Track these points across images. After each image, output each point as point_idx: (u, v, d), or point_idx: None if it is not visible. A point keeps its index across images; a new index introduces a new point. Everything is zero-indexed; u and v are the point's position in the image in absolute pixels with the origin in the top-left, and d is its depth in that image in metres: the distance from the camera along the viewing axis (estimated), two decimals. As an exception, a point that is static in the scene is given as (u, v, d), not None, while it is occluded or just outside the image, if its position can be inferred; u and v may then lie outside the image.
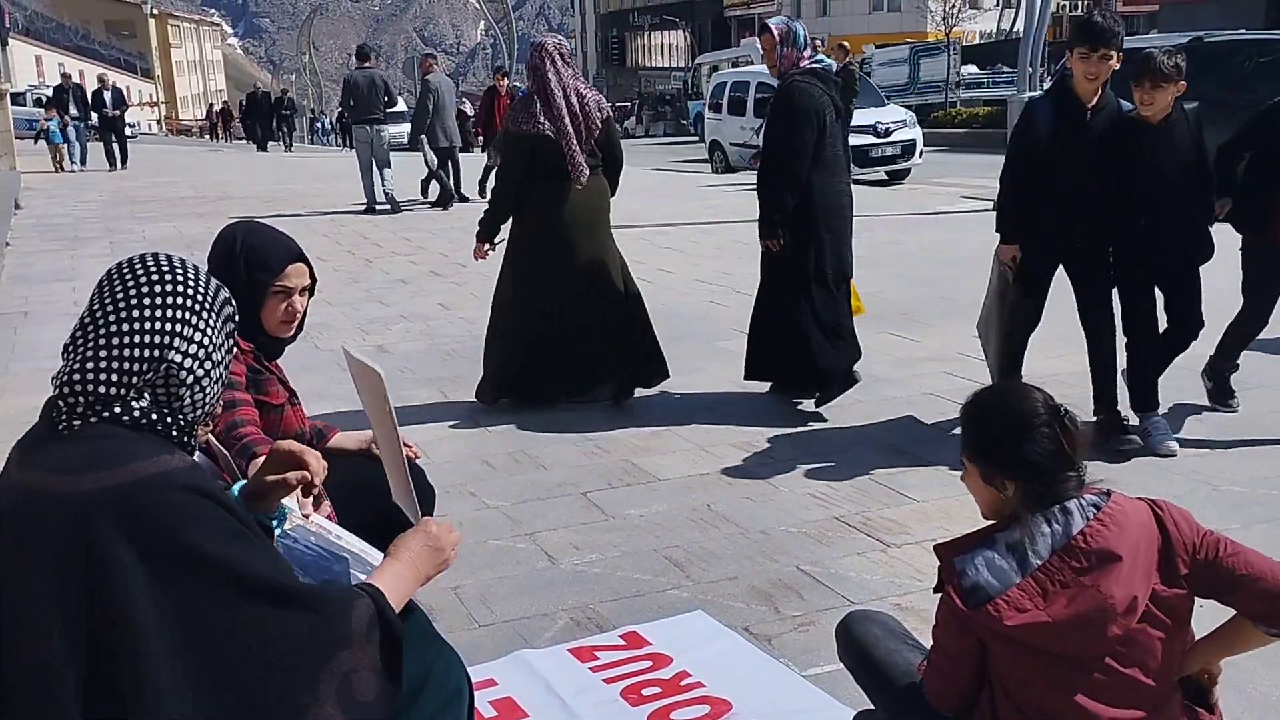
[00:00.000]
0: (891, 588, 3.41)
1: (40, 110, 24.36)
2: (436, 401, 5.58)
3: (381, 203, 13.66)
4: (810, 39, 5.31)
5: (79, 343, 1.61)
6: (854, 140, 15.63)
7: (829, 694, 2.80)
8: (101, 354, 1.58)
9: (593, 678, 2.94)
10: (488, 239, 5.35)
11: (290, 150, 30.60)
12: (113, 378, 1.58)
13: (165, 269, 1.66)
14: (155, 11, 71.79)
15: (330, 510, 2.55)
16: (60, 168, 21.12)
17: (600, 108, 5.17)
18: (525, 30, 55.94)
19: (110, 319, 1.60)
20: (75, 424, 1.57)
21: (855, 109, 15.28)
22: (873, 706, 2.24)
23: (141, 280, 1.63)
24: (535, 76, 5.14)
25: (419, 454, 3.01)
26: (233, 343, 1.74)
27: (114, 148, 21.55)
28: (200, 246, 5.01)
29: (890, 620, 2.34)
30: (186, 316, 1.63)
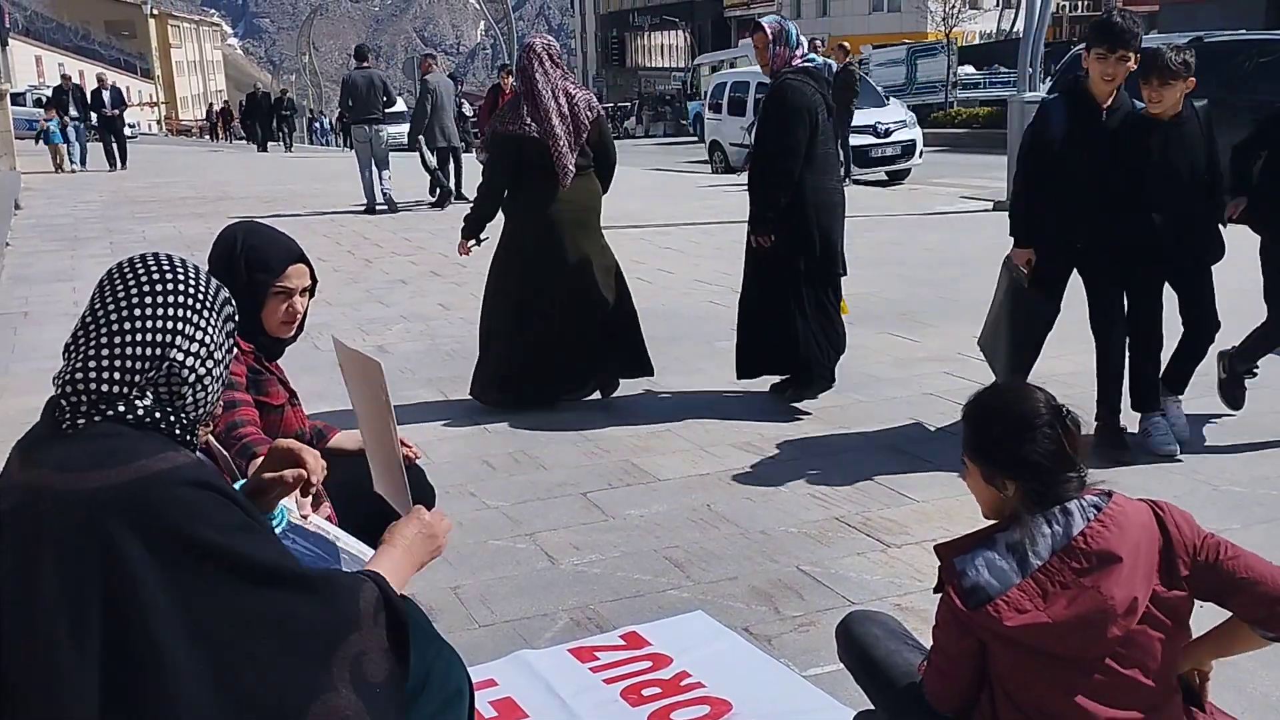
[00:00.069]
0: (891, 588, 3.41)
1: (40, 110, 24.38)
2: (436, 402, 5.58)
3: (381, 203, 13.68)
4: (810, 39, 5.32)
5: (81, 342, 1.61)
6: (854, 140, 15.67)
7: (829, 694, 2.80)
8: (104, 353, 1.58)
9: (593, 678, 2.94)
10: (472, 235, 5.44)
11: (290, 150, 30.59)
12: (115, 376, 1.58)
13: (166, 268, 1.66)
14: (155, 12, 71.79)
15: (330, 510, 2.55)
16: (60, 168, 21.13)
17: (590, 107, 5.18)
18: (525, 30, 55.96)
19: (112, 318, 1.60)
20: (79, 422, 1.57)
21: (856, 109, 15.32)
22: (873, 707, 2.24)
23: (143, 280, 1.64)
24: (524, 78, 5.17)
25: (419, 454, 3.01)
26: (233, 342, 1.75)
27: (113, 148, 21.55)
28: (200, 247, 5.01)
29: (890, 620, 2.34)
30: (188, 315, 1.64)
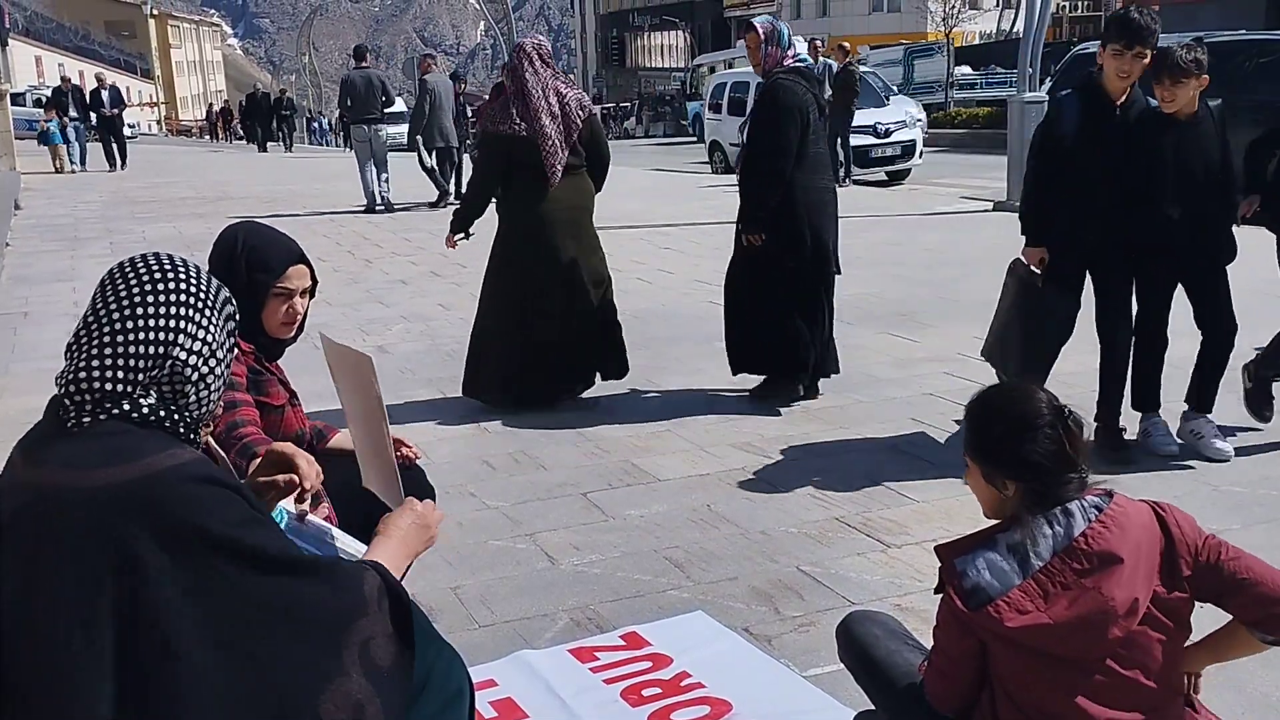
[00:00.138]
0: (892, 588, 3.41)
1: (40, 111, 24.40)
2: (436, 402, 5.57)
3: (379, 204, 13.69)
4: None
5: (83, 341, 1.61)
6: (854, 141, 15.66)
7: (829, 694, 2.79)
8: (107, 351, 1.59)
9: (593, 678, 2.94)
10: (459, 230, 5.49)
11: (290, 151, 30.60)
12: (119, 375, 1.58)
13: (168, 268, 1.67)
14: (155, 12, 71.81)
15: (329, 510, 2.55)
16: (60, 169, 21.13)
17: (582, 106, 5.18)
18: (525, 31, 56.24)
19: (114, 317, 1.61)
20: (84, 421, 1.57)
21: (856, 109, 15.31)
22: (873, 707, 2.24)
23: (145, 279, 1.64)
24: (514, 77, 5.18)
25: (419, 454, 3.00)
26: (234, 342, 1.75)
27: (113, 148, 21.54)
28: (200, 247, 5.01)
29: (890, 621, 2.34)
30: (190, 314, 1.64)
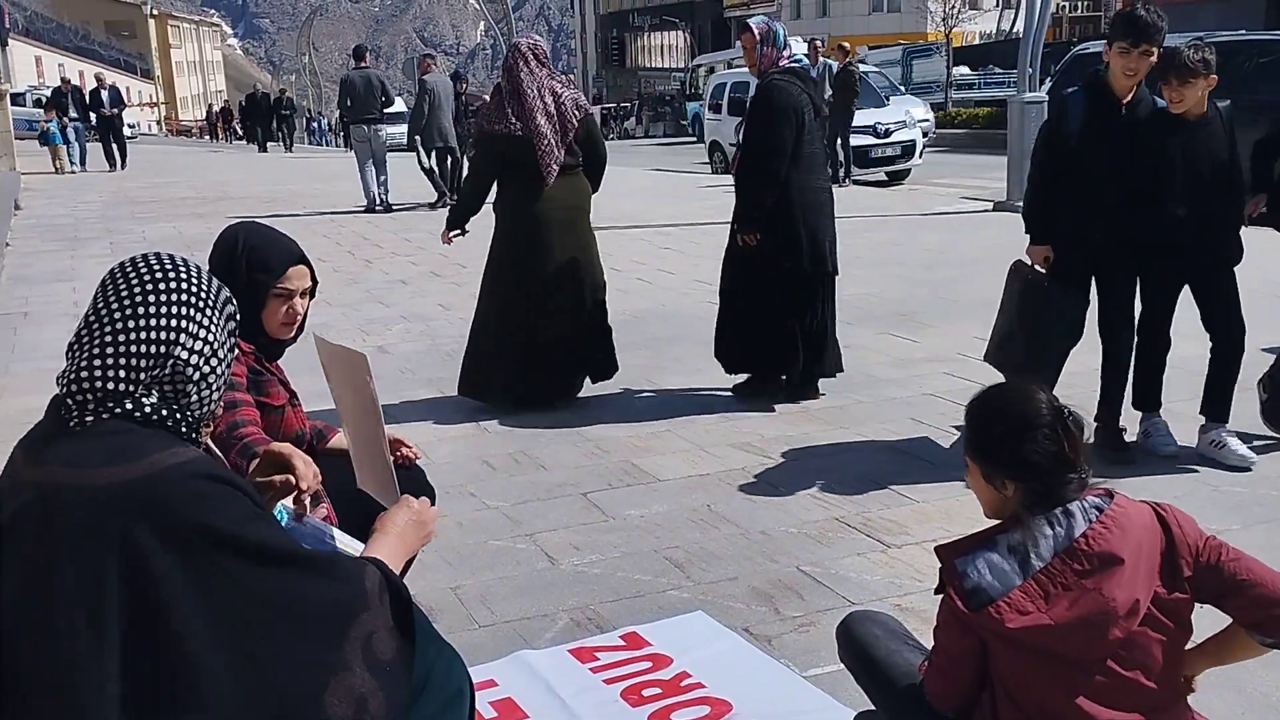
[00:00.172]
0: (892, 588, 3.41)
1: (40, 111, 24.40)
2: (436, 402, 5.57)
3: (378, 204, 13.69)
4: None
5: (85, 341, 1.61)
6: (854, 141, 15.66)
7: (829, 695, 2.79)
8: (109, 350, 1.59)
9: (593, 678, 2.94)
10: (456, 226, 5.54)
11: (290, 151, 30.60)
12: (121, 374, 1.59)
13: (169, 267, 1.67)
14: (155, 12, 71.81)
15: (329, 510, 2.55)
16: (60, 169, 21.13)
17: (578, 106, 5.19)
18: (525, 31, 56.28)
19: (116, 316, 1.61)
20: (87, 420, 1.58)
21: (856, 109, 15.31)
22: (873, 707, 2.24)
23: (146, 278, 1.65)
24: (509, 77, 5.19)
25: (419, 454, 3.00)
26: (235, 341, 1.75)
27: (112, 148, 21.54)
28: (200, 247, 5.01)
29: (891, 621, 2.34)
30: (191, 314, 1.65)
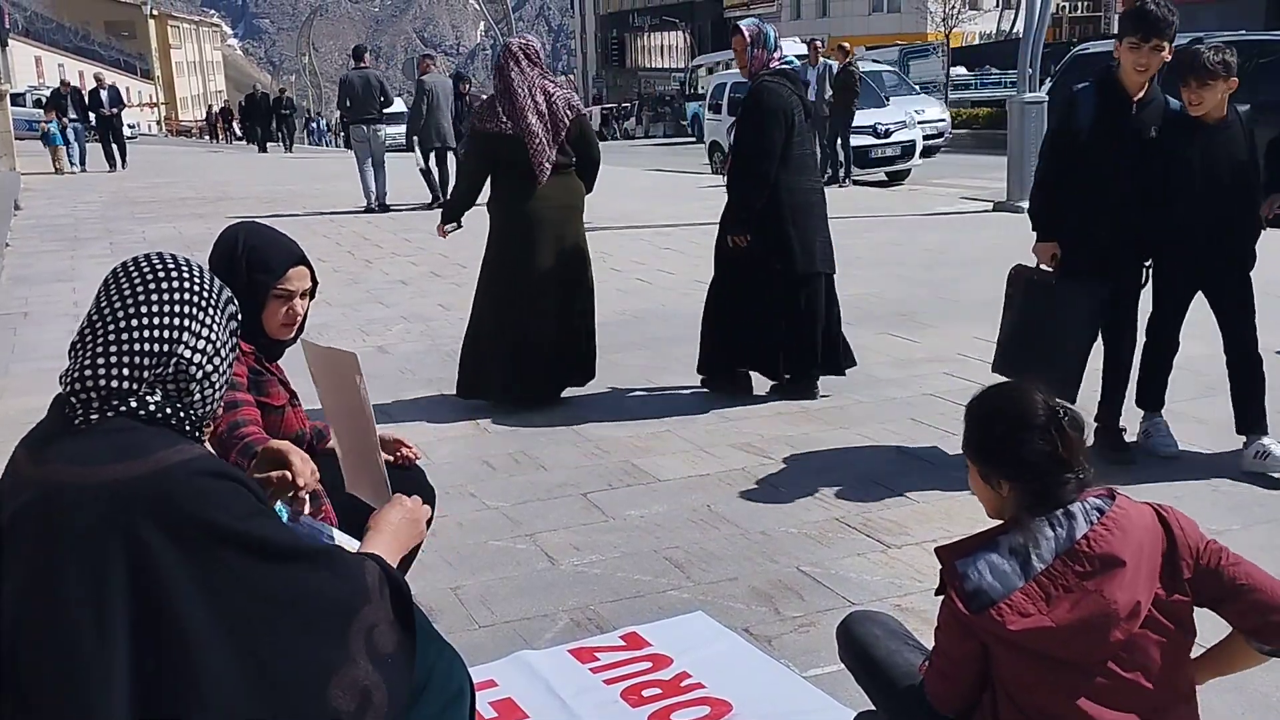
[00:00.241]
0: (892, 589, 3.41)
1: (40, 111, 24.41)
2: (436, 402, 5.57)
3: (376, 205, 13.72)
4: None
5: (88, 340, 1.61)
6: (854, 141, 15.66)
7: (829, 695, 2.79)
8: (112, 349, 1.59)
9: (593, 679, 2.94)
10: (450, 220, 5.60)
11: (290, 151, 30.60)
12: (124, 373, 1.59)
13: (171, 266, 1.68)
14: (155, 12, 71.82)
15: (329, 509, 2.55)
16: (59, 170, 21.13)
17: (570, 105, 5.17)
18: (525, 31, 56.29)
19: (119, 315, 1.61)
20: (92, 418, 1.58)
21: (856, 110, 15.31)
22: (873, 707, 2.24)
23: (148, 277, 1.65)
24: (500, 76, 5.20)
25: (419, 454, 3.00)
26: (236, 341, 1.76)
27: (112, 148, 21.53)
28: (200, 247, 5.01)
29: (891, 621, 2.34)
30: (193, 313, 1.65)
